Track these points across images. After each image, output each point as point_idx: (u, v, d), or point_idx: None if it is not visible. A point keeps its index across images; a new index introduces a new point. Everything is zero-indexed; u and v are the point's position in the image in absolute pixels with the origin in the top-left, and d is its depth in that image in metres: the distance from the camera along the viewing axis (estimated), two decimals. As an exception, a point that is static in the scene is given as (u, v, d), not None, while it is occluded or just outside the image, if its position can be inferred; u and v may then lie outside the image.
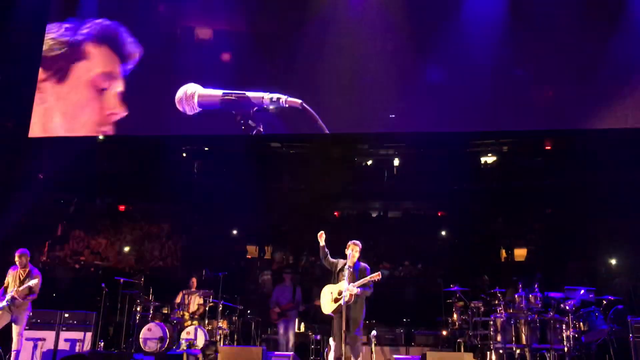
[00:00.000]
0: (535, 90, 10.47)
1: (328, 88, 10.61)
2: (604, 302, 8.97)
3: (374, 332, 8.04)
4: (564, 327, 8.50)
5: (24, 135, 11.67)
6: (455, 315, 9.95)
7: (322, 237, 7.40)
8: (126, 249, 16.89)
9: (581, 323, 8.58)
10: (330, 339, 7.53)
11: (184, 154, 17.70)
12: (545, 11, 10.28)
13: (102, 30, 11.31)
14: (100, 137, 12.94)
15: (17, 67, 12.54)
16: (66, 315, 9.80)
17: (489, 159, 18.07)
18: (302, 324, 11.41)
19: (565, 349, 8.38)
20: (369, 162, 19.13)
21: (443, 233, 17.35)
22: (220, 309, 10.12)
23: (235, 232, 17.80)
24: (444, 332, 10.25)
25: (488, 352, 8.97)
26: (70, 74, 11.22)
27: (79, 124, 11.09)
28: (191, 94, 10.47)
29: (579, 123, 10.33)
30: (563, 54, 10.21)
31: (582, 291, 9.01)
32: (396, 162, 18.63)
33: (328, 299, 7.33)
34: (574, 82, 10.20)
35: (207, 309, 10.22)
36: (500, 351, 8.70)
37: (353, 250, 7.29)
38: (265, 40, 11.26)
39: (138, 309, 10.03)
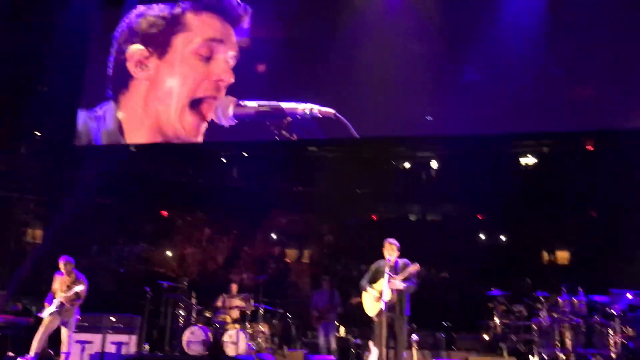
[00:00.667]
0: (575, 90, 10.30)
1: (364, 92, 10.64)
2: (654, 306, 8.73)
3: (414, 336, 8.02)
4: (610, 332, 8.29)
5: (69, 144, 12.05)
6: (496, 319, 9.83)
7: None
8: (169, 253, 17.22)
9: (629, 328, 8.36)
10: (370, 343, 7.49)
11: (223, 160, 17.97)
12: (584, 9, 10.10)
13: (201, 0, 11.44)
14: (132, 148, 13.20)
15: (61, 79, 12.98)
16: (112, 319, 10.03)
17: (529, 160, 17.77)
18: (342, 327, 11.44)
19: (613, 354, 8.18)
20: (407, 165, 19.03)
21: (483, 236, 17.14)
22: (261, 312, 10.23)
23: (274, 235, 17.95)
24: (486, 336, 10.12)
25: (531, 357, 8.84)
26: (172, 47, 11.36)
27: (187, 93, 11.14)
28: (227, 106, 10.64)
29: (621, 123, 10.10)
30: (603, 52, 10.00)
31: (630, 295, 8.76)
32: (434, 164, 18.50)
33: (371, 301, 7.26)
34: (616, 81, 9.99)
35: (248, 312, 10.35)
36: (544, 356, 8.57)
37: (390, 250, 7.24)
38: (299, 47, 11.36)
39: (181, 312, 10.21)
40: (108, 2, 12.21)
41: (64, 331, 8.56)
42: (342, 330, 11.44)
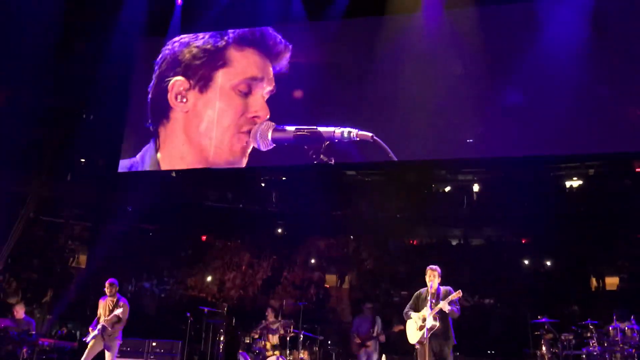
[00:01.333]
0: (622, 110, 9.98)
1: (403, 115, 10.56)
2: None
3: (458, 365, 7.80)
4: (666, 363, 7.92)
5: (113, 171, 12.30)
6: (544, 348, 9.50)
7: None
8: (209, 278, 17.31)
9: (685, 358, 7.96)
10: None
11: (263, 184, 18.09)
12: (629, 27, 9.86)
13: (245, 34, 11.53)
14: (173, 174, 13.36)
15: (106, 108, 13.34)
16: (154, 344, 10.11)
17: (575, 182, 17.35)
18: (384, 355, 11.22)
19: (669, 386, 7.80)
20: (447, 189, 18.79)
21: (527, 261, 16.70)
22: (301, 339, 10.14)
23: (313, 260, 17.88)
24: (533, 366, 9.81)
25: (582, 388, 8.50)
26: (214, 81, 11.44)
27: (225, 127, 11.19)
28: (265, 131, 10.72)
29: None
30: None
31: (685, 323, 8.37)
32: (476, 187, 18.21)
33: (414, 328, 7.14)
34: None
35: (288, 339, 10.26)
36: (596, 387, 8.22)
37: (431, 275, 7.13)
38: (337, 71, 11.37)
39: (221, 338, 10.21)
40: (151, 32, 12.48)
41: (107, 355, 8.63)
42: (383, 357, 11.23)
